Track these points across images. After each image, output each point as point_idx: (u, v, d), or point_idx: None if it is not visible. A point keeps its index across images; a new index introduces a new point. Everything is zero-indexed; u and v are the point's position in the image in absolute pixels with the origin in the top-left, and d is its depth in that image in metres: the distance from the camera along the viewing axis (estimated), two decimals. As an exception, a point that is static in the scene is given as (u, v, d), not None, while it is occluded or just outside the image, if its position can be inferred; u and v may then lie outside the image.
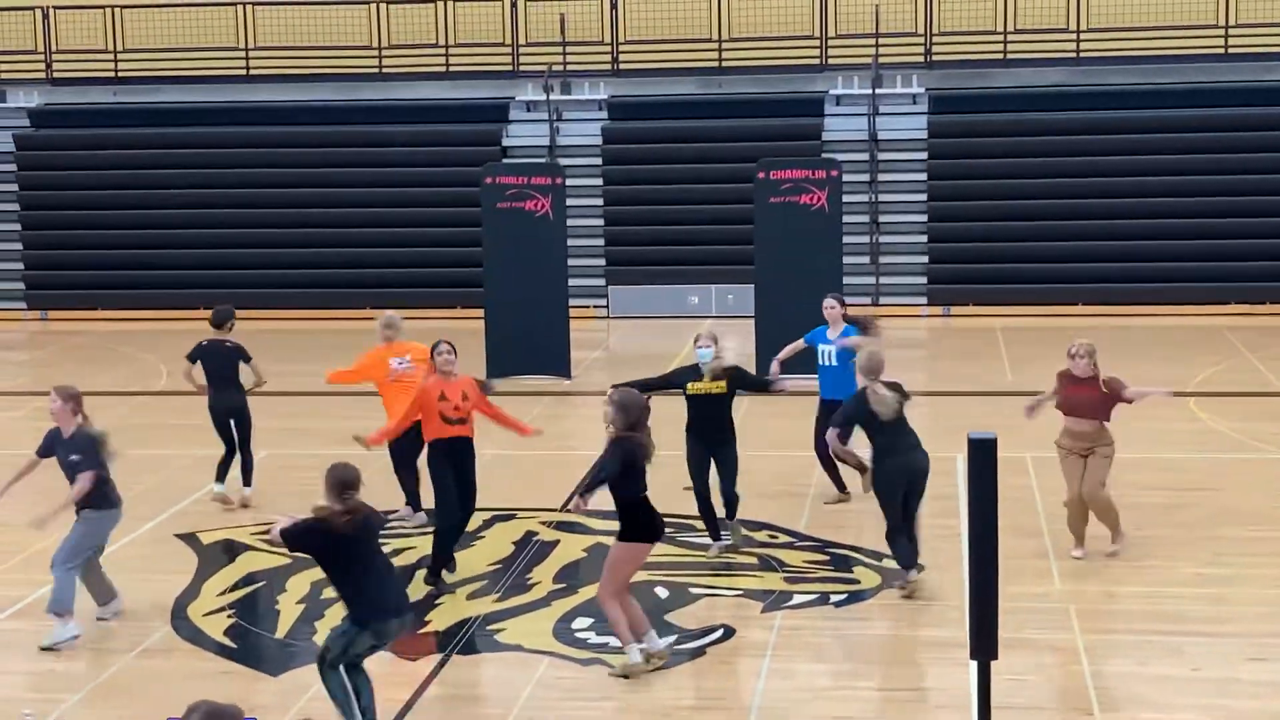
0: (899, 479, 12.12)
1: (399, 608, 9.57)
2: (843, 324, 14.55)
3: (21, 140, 28.76)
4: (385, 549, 13.28)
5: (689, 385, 13.14)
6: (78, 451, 11.66)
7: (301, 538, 9.28)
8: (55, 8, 29.32)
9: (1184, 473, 15.63)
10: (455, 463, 12.54)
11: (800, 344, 14.96)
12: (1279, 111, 26.10)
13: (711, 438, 13.22)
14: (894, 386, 12.16)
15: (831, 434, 12.44)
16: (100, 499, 11.74)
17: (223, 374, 15.24)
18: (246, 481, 15.26)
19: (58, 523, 11.83)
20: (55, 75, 29.60)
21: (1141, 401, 13.24)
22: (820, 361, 14.56)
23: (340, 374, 15.24)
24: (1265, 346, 22.29)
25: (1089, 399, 12.80)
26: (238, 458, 15.29)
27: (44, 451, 12.02)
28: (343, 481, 9.06)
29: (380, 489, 12.10)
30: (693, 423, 13.31)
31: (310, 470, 12.70)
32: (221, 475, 15.21)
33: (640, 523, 10.60)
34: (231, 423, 15.25)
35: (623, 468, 10.48)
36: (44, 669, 11.17)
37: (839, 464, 14.36)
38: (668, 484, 12.98)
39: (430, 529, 13.09)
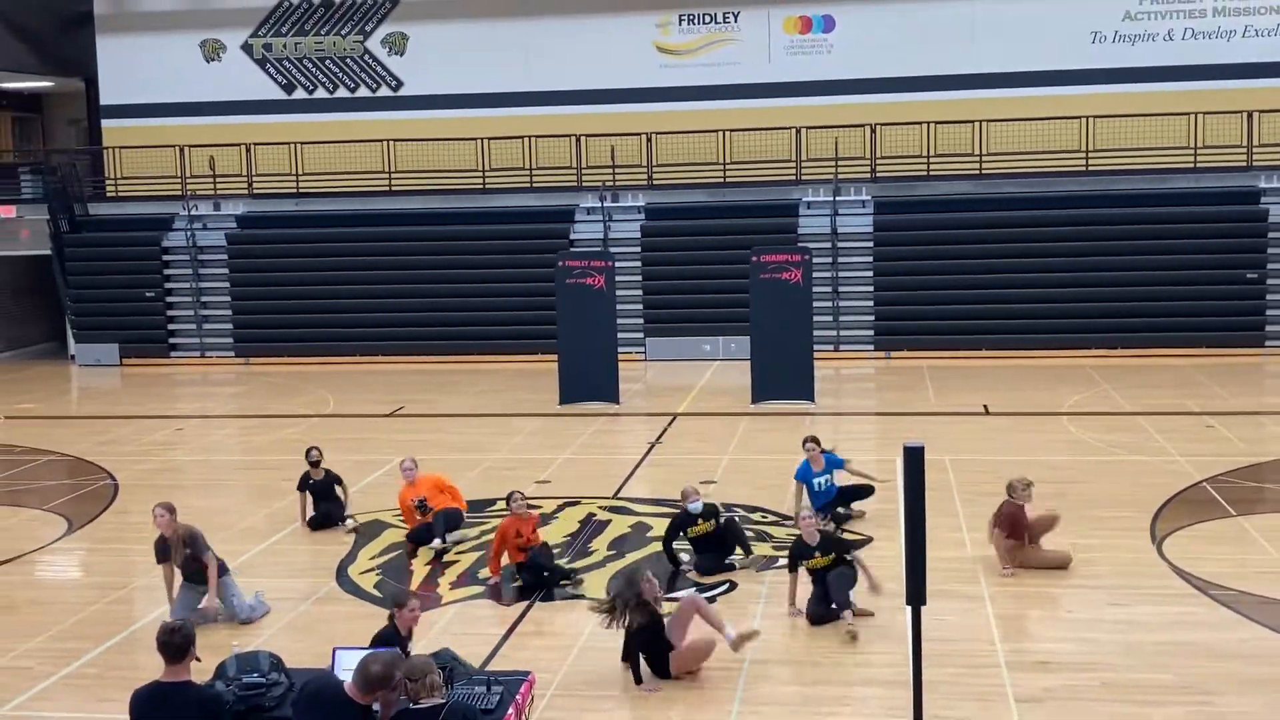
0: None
1: None
2: (823, 461, 13.27)
3: (231, 237, 28.96)
4: (482, 527, 13.27)
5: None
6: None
7: None
8: (255, 144, 29.53)
9: (1061, 470, 15.54)
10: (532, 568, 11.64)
11: (799, 487, 13.23)
12: (1125, 211, 25.99)
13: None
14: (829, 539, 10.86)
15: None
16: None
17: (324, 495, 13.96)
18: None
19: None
20: (254, 191, 29.79)
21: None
22: (815, 491, 13.10)
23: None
24: (1118, 379, 22.16)
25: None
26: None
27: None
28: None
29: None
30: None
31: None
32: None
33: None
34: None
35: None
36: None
37: None
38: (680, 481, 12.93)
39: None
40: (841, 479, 13.44)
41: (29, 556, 13.21)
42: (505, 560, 11.81)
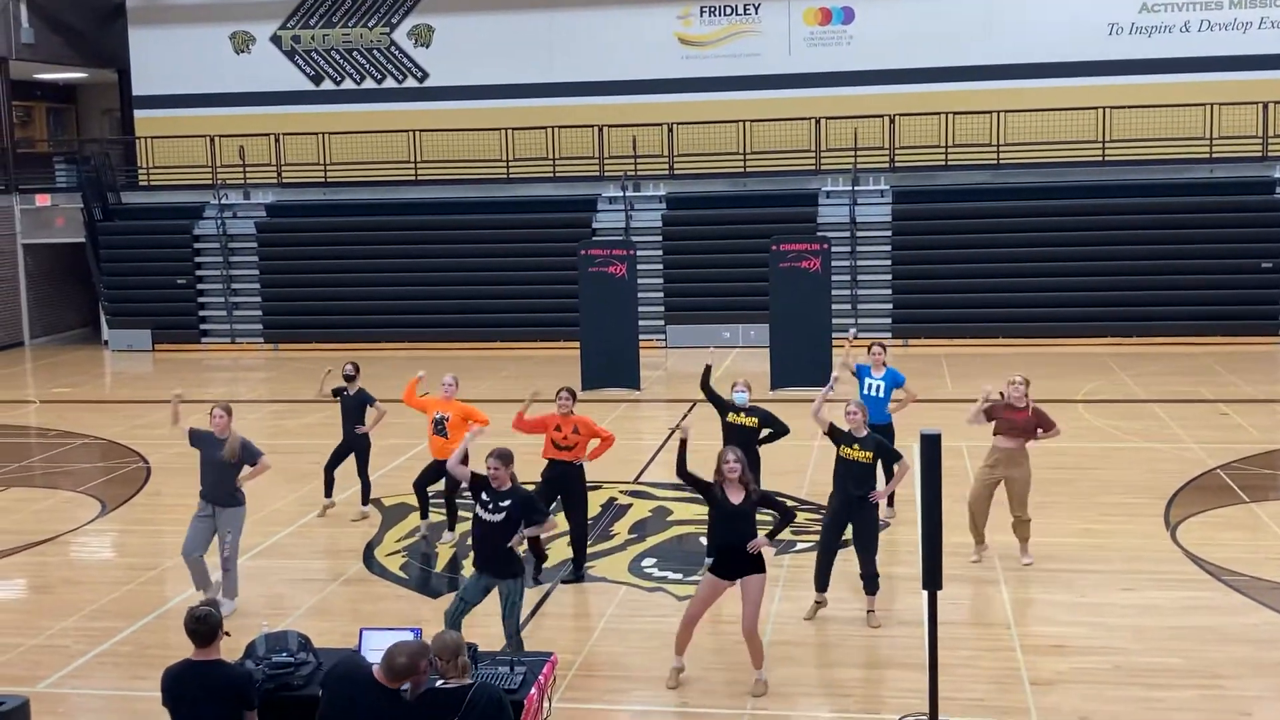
0: (836, 511, 10.26)
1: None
2: (884, 368, 12.69)
3: (261, 225, 29.06)
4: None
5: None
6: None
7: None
8: (284, 134, 29.61)
9: (1074, 456, 15.50)
10: (558, 482, 11.12)
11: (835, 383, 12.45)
12: (1141, 201, 25.85)
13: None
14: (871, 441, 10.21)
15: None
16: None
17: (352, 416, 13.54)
18: (365, 501, 13.64)
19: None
20: (284, 180, 29.89)
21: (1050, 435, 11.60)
22: (864, 392, 12.55)
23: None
24: (1132, 367, 22.08)
25: (1021, 423, 11.32)
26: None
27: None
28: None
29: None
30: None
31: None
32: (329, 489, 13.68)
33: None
34: (353, 454, 13.56)
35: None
36: (275, 594, 11.25)
37: None
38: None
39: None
40: (893, 405, 12.54)
41: (64, 537, 13.32)
42: (542, 446, 11.19)
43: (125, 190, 30.57)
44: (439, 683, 6.26)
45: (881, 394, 12.62)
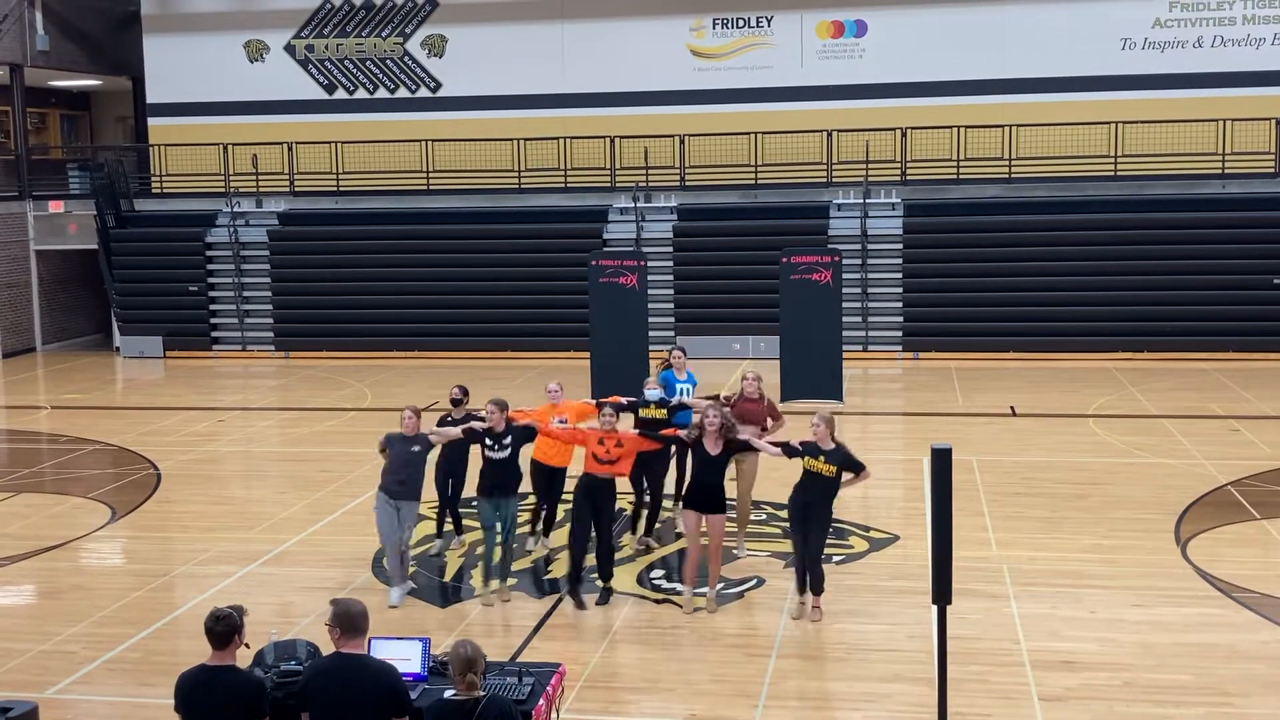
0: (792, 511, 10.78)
1: None
2: (685, 371, 13.23)
3: (273, 233, 29.11)
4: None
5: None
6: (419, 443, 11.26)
7: None
8: (297, 143, 29.68)
9: (1086, 471, 15.45)
10: (593, 495, 10.89)
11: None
12: (1153, 216, 25.79)
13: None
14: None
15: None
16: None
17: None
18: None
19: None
20: (296, 189, 29.93)
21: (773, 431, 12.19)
22: (677, 398, 12.82)
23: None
24: (1143, 382, 22.02)
25: (755, 413, 12.06)
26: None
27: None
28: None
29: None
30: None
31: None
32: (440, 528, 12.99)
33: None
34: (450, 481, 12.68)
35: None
36: (284, 601, 11.24)
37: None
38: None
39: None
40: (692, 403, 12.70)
41: (74, 543, 13.34)
42: (584, 459, 11.07)
43: (138, 197, 30.65)
44: (448, 694, 6.26)
45: (690, 396, 13.07)
